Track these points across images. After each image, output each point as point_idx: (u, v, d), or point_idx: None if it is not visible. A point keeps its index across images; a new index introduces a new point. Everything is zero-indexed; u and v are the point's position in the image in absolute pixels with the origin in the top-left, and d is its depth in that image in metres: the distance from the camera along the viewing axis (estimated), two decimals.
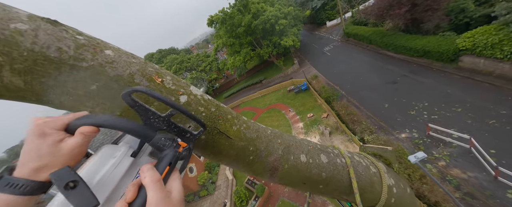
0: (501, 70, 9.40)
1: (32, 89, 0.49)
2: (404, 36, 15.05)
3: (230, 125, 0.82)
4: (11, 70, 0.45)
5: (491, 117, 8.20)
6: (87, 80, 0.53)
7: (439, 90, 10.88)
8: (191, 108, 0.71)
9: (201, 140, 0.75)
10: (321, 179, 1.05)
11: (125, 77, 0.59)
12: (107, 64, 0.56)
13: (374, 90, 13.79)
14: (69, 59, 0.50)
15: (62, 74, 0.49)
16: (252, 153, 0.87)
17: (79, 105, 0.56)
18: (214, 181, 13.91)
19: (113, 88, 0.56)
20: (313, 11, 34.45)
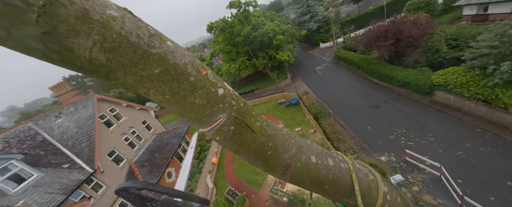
0: (468, 107, 10.59)
1: (110, 65, 0.56)
2: (388, 66, 16.46)
3: (254, 120, 0.90)
4: (101, 48, 0.53)
5: (458, 149, 9.04)
6: (153, 64, 0.61)
7: (416, 119, 11.85)
8: (225, 100, 0.80)
9: (229, 131, 0.82)
10: (328, 180, 1.13)
11: (181, 66, 0.68)
12: (169, 53, 0.66)
13: (359, 112, 14.60)
14: (144, 45, 0.59)
15: (136, 56, 0.58)
16: (270, 149, 0.95)
17: (138, 85, 0.64)
18: (192, 189, 13.19)
19: (170, 74, 0.66)
20: (309, 31, 36.59)
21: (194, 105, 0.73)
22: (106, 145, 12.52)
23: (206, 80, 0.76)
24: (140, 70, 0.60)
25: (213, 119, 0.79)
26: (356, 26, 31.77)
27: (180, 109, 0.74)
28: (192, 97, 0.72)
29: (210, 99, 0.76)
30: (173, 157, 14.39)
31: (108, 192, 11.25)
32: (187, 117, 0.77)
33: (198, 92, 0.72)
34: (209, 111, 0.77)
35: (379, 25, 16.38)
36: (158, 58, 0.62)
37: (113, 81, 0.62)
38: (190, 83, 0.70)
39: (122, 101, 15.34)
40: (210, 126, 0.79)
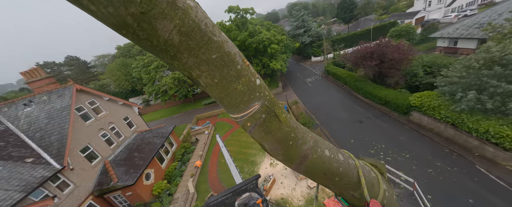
0: (439, 129, 11.67)
1: (180, 47, 0.64)
2: (372, 85, 17.66)
3: (281, 111, 1.00)
4: (178, 31, 0.62)
5: (430, 167, 9.83)
6: (213, 50, 0.72)
7: (394, 136, 12.71)
8: (261, 89, 0.91)
9: (261, 118, 0.92)
10: (338, 173, 1.23)
11: (232, 54, 0.79)
12: (225, 42, 0.77)
13: (343, 125, 15.28)
14: (209, 32, 0.70)
15: (202, 41, 0.68)
16: (292, 139, 1.04)
17: (195, 67, 0.73)
18: (171, 193, 12.49)
19: (224, 60, 0.76)
20: (302, 44, 38.20)
21: (236, 91, 0.83)
22: (80, 140, 11.52)
23: (248, 70, 0.87)
24: (202, 54, 0.70)
25: (249, 106, 0.88)
26: (345, 45, 33.92)
27: (223, 94, 0.83)
28: (236, 83, 0.81)
29: (250, 87, 0.86)
30: (154, 158, 13.62)
31: (76, 191, 10.23)
32: (226, 101, 0.86)
33: (241, 79, 0.82)
34: (247, 97, 0.86)
35: (366, 46, 17.66)
36: (217, 45, 0.72)
37: (175, 62, 0.70)
38: (237, 71, 0.80)
39: (104, 94, 14.40)
40: (245, 112, 0.89)
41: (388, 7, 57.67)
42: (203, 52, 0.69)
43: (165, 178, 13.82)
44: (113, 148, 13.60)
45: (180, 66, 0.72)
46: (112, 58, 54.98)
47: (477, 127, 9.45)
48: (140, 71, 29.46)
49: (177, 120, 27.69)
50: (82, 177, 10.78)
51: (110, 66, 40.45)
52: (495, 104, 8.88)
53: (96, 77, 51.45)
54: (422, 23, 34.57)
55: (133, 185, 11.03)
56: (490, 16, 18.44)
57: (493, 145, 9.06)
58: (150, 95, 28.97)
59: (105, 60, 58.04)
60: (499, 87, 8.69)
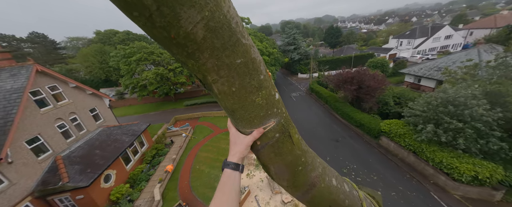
0: (402, 155, 12.87)
1: (202, 44, 0.54)
2: (349, 107, 19.02)
3: (294, 132, 0.91)
4: (205, 25, 0.51)
5: (393, 190, 10.61)
6: (239, 53, 0.62)
7: (365, 157, 13.60)
8: (279, 105, 0.83)
9: (274, 137, 0.83)
10: (344, 206, 1.13)
11: (257, 62, 0.70)
12: (252, 47, 0.67)
13: (321, 143, 15.89)
14: (238, 33, 0.60)
15: (230, 42, 0.58)
16: (302, 164, 0.95)
17: (213, 71, 0.62)
18: (132, 199, 11.13)
19: (248, 67, 0.66)
20: (291, 60, 40.02)
21: (253, 104, 0.74)
22: (29, 129, 9.82)
23: (270, 81, 0.79)
24: (225, 57, 0.60)
25: (264, 122, 0.79)
26: (330, 67, 36.53)
27: (238, 105, 0.73)
28: (255, 95, 0.72)
29: (269, 101, 0.77)
30: (119, 158, 12.20)
31: (10, 190, 8.46)
32: (239, 114, 0.77)
33: (262, 91, 0.73)
34: (264, 113, 0.77)
35: (347, 71, 19.23)
36: (244, 49, 0.63)
37: (190, 61, 0.59)
38: (259, 81, 0.71)
39: (70, 80, 12.77)
40: (258, 129, 0.80)
41: (368, 40, 64.80)
42: (227, 54, 0.59)
43: (128, 181, 12.36)
44: (70, 142, 11.86)
45: (195, 67, 0.61)
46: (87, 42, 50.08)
47: (433, 157, 10.67)
48: (119, 60, 27.20)
49: (152, 118, 25.73)
50: (22, 173, 9.03)
51: (84, 50, 36.67)
52: (448, 138, 10.21)
53: (64, 60, 45.90)
54: (394, 59, 39.41)
55: (87, 187, 9.58)
56: (446, 62, 21.89)
57: (445, 174, 10.26)
58: (125, 88, 26.66)
59: (79, 43, 52.57)
60: (451, 123, 10.07)
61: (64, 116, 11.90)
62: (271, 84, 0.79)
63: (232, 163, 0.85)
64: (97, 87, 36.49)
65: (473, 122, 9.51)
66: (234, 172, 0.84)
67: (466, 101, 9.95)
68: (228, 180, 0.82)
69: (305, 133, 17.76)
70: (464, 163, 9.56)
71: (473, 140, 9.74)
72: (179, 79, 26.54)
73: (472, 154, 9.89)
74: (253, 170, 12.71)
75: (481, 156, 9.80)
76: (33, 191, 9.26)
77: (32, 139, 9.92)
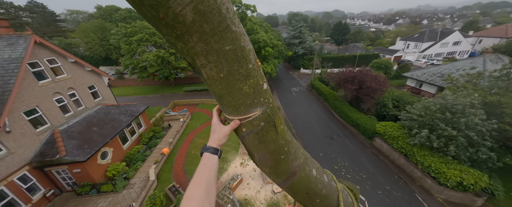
0: (393, 156, 13.19)
1: (191, 27, 0.55)
2: (348, 106, 19.12)
3: (280, 122, 0.94)
4: (194, 8, 0.52)
5: (380, 189, 11.02)
6: (227, 40, 0.63)
7: (357, 156, 13.93)
8: (266, 95, 0.85)
9: (259, 126, 0.86)
10: (321, 195, 1.22)
11: (246, 51, 0.70)
12: (242, 35, 0.68)
13: (316, 139, 16.16)
14: (228, 19, 0.61)
15: (219, 27, 0.59)
16: (285, 153, 0.99)
17: (201, 56, 0.63)
18: (128, 177, 11.47)
19: (236, 54, 0.67)
20: (294, 54, 39.39)
21: (240, 92, 0.75)
22: (27, 101, 9.80)
23: (259, 71, 0.79)
24: (214, 42, 0.60)
25: (250, 110, 0.81)
26: (333, 64, 36.12)
27: (225, 91, 0.74)
28: (242, 83, 0.73)
29: (256, 90, 0.79)
30: (116, 137, 12.36)
31: (8, 158, 8.65)
32: (226, 100, 0.78)
33: (250, 80, 0.74)
34: (250, 101, 0.79)
35: (350, 70, 19.08)
36: (233, 36, 0.64)
37: (179, 43, 0.60)
38: (247, 69, 0.72)
39: (69, 55, 12.53)
40: (244, 116, 0.82)
41: (375, 40, 63.54)
42: (216, 40, 0.60)
43: (125, 160, 12.65)
44: (68, 117, 11.92)
45: (184, 50, 0.62)
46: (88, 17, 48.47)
47: (423, 161, 10.97)
48: (119, 39, 26.56)
49: (151, 100, 25.71)
50: (20, 143, 9.16)
51: (84, 25, 35.59)
52: (439, 144, 10.43)
53: (63, 34, 44.67)
54: (399, 61, 38.97)
55: (84, 162, 9.81)
56: (450, 69, 21.73)
57: (431, 178, 10.62)
58: (125, 68, 26.31)
59: (79, 17, 50.90)
60: (445, 130, 10.23)
61: (63, 90, 11.84)
62: (260, 74, 0.79)
63: (212, 147, 0.91)
64: (96, 65, 35.97)
65: (467, 131, 9.67)
66: (213, 155, 0.89)
67: (464, 109, 10.04)
68: (207, 162, 0.87)
69: (301, 128, 17.98)
70: (452, 169, 9.87)
71: (464, 148, 9.97)
72: (180, 63, 26.17)
73: (461, 161, 10.17)
74: (247, 160, 13.02)
75: (469, 164, 10.10)
76: (30, 161, 9.46)
77: (30, 111, 9.94)
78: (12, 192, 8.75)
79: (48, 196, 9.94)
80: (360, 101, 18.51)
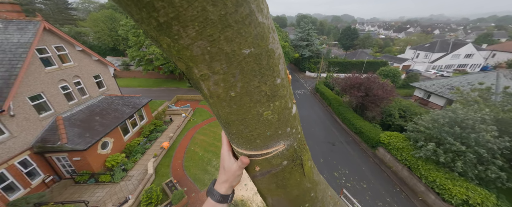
0: (396, 168, 12.85)
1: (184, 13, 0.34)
2: (352, 113, 18.76)
3: (307, 158, 0.69)
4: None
5: (380, 200, 10.72)
6: (248, 39, 0.38)
7: (358, 165, 13.63)
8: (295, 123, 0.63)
9: (280, 165, 0.62)
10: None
11: (275, 57, 0.46)
12: (272, 31, 0.43)
13: (317, 144, 15.90)
14: (252, 2, 0.36)
15: (236, 16, 0.35)
16: (310, 200, 0.74)
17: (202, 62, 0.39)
18: (127, 169, 11.45)
19: (260, 63, 0.42)
20: (301, 57, 39.03)
21: (259, 119, 0.50)
22: (32, 86, 9.85)
23: (288, 89, 0.55)
24: (225, 40, 0.36)
25: (270, 145, 0.56)
26: (339, 69, 35.65)
27: (236, 117, 0.49)
28: (264, 107, 0.48)
29: (283, 117, 0.53)
30: (118, 128, 12.36)
31: (10, 142, 8.70)
32: (237, 129, 0.53)
33: (275, 102, 0.50)
34: (273, 132, 0.54)
35: (356, 76, 18.71)
36: (258, 33, 0.39)
37: (164, 39, 0.36)
38: (273, 87, 0.47)
39: (77, 43, 12.57)
40: (261, 152, 0.57)
41: (384, 47, 62.55)
42: (228, 36, 0.36)
43: (124, 151, 12.65)
44: (72, 105, 11.97)
45: (173, 50, 0.38)
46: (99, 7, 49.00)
47: (427, 175, 10.62)
48: (128, 30, 26.72)
49: (155, 93, 25.80)
50: (23, 127, 9.21)
51: (95, 14, 35.96)
52: (446, 159, 10.07)
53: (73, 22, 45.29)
54: (407, 71, 38.20)
55: (84, 151, 9.82)
56: (461, 82, 21.13)
57: (435, 193, 10.27)
58: (132, 60, 26.47)
59: (91, 6, 51.52)
60: (454, 145, 9.86)
61: (68, 78, 11.89)
62: (289, 93, 0.56)
63: (218, 194, 0.69)
64: (103, 55, 36.36)
65: (476, 147, 9.29)
66: (219, 205, 0.69)
67: (475, 125, 9.65)
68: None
69: (303, 132, 17.67)
70: (458, 186, 9.50)
71: (472, 165, 9.59)
72: None
73: (468, 178, 9.79)
74: None
75: (476, 182, 9.72)
76: (32, 146, 9.51)
77: (35, 96, 10.00)
78: (12, 175, 8.81)
79: (47, 182, 9.99)
80: (365, 108, 18.14)
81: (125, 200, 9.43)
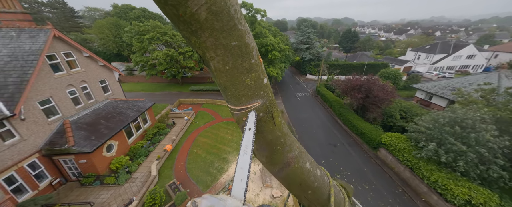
0: (398, 169, 12.81)
1: (204, 24, 0.65)
2: (353, 115, 18.82)
3: (277, 115, 1.02)
4: (208, 8, 0.62)
5: (383, 201, 10.69)
6: (234, 37, 0.71)
7: (360, 166, 13.62)
8: (266, 89, 0.92)
9: (258, 115, 0.92)
10: (313, 187, 1.29)
11: (250, 47, 0.79)
12: (247, 33, 0.77)
13: (319, 145, 15.95)
14: (236, 19, 0.70)
15: (227, 25, 0.68)
16: (281, 144, 1.06)
17: (211, 49, 0.72)
18: (131, 171, 11.67)
19: (241, 50, 0.76)
20: (301, 59, 39.37)
21: (243, 83, 0.83)
22: (42, 91, 10.26)
23: (260, 66, 0.87)
24: (223, 38, 0.69)
25: (251, 101, 0.89)
26: (340, 72, 35.80)
27: (229, 82, 0.83)
28: (245, 76, 0.82)
29: (257, 83, 0.87)
30: (122, 131, 12.66)
31: (21, 145, 9.02)
32: (230, 91, 0.86)
33: (252, 74, 0.83)
34: (251, 93, 0.87)
35: (357, 78, 18.85)
36: (239, 34, 0.72)
37: (193, 37, 0.69)
38: (250, 64, 0.80)
39: (84, 49, 13.06)
40: (245, 106, 0.90)
41: (385, 49, 62.67)
42: (224, 36, 0.69)
43: (129, 154, 12.90)
44: (79, 109, 12.35)
45: (197, 44, 0.72)
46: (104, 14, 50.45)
47: (429, 176, 10.60)
48: (132, 37, 27.47)
49: (158, 97, 26.24)
50: (32, 131, 9.55)
51: (100, 22, 37.07)
52: (448, 159, 10.07)
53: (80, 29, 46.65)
54: (408, 72, 38.17)
55: (90, 153, 10.09)
56: (462, 83, 21.09)
57: (438, 194, 10.22)
58: (136, 65, 27.08)
59: (96, 14, 53.05)
60: (454, 145, 9.88)
61: (76, 83, 12.32)
62: (261, 69, 0.88)
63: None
64: (108, 60, 37.24)
65: (477, 147, 9.31)
66: None
67: (474, 124, 9.70)
68: None
69: (304, 134, 17.82)
70: (460, 187, 9.48)
71: (474, 165, 9.57)
72: (188, 63, 26.69)
73: (470, 178, 9.76)
74: (258, 160, 12.97)
75: (479, 182, 9.67)
76: (41, 149, 9.83)
77: (44, 101, 10.39)
78: (22, 178, 9.09)
79: (54, 184, 10.25)
80: (366, 110, 18.20)
81: (129, 202, 9.61)
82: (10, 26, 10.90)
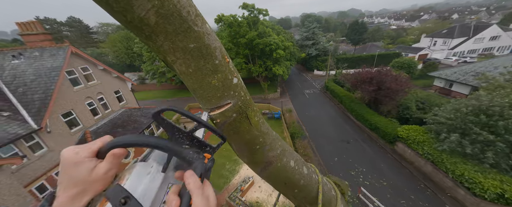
0: (419, 163, 12.07)
1: (156, 28, 0.63)
2: (366, 109, 18.08)
3: (253, 115, 1.00)
4: (156, 12, 0.60)
5: (403, 198, 10.13)
6: (191, 39, 0.70)
7: (376, 162, 13.04)
8: (237, 89, 0.90)
9: (231, 117, 0.90)
10: (299, 185, 1.26)
11: (212, 48, 0.76)
12: (206, 34, 0.74)
13: (331, 142, 15.52)
14: (190, 21, 0.68)
15: (181, 28, 0.66)
16: (260, 144, 1.05)
17: (170, 53, 0.71)
18: None
19: (201, 51, 0.75)
20: (307, 56, 38.66)
21: (210, 85, 0.81)
22: (64, 105, 11.08)
23: (227, 67, 0.85)
24: (178, 41, 0.67)
25: (221, 103, 0.87)
26: (349, 65, 34.63)
27: (196, 85, 0.82)
28: (211, 78, 0.80)
29: (225, 84, 0.85)
30: None
31: (48, 155, 9.80)
32: (199, 93, 0.85)
33: (217, 75, 0.81)
34: (220, 94, 0.85)
35: (367, 70, 18.09)
36: (196, 35, 0.70)
37: (150, 42, 0.68)
38: (214, 65, 0.78)
39: (99, 63, 13.93)
40: (216, 107, 0.89)
41: (396, 38, 59.56)
42: (180, 39, 0.67)
43: None
44: (97, 119, 13.16)
45: (154, 48, 0.70)
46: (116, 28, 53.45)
47: (454, 169, 9.86)
48: (142, 47, 28.82)
49: (169, 104, 27.16)
50: (58, 142, 10.35)
51: (113, 36, 39.37)
52: (474, 151, 9.30)
53: (95, 44, 49.87)
54: (424, 60, 35.92)
55: None
56: (487, 67, 19.41)
57: (465, 188, 9.47)
58: (147, 74, 28.37)
59: (109, 29, 56.35)
60: (480, 135, 9.11)
61: (93, 95, 13.16)
62: (228, 69, 0.85)
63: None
64: (121, 71, 39.34)
65: (507, 135, 8.50)
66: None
67: (503, 111, 8.87)
68: None
69: (315, 131, 17.44)
70: (490, 179, 8.71)
71: (505, 155, 8.76)
72: None
73: (501, 170, 8.93)
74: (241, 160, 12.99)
75: None
76: None
77: (67, 113, 11.22)
78: (51, 186, 9.87)
79: None
80: (379, 103, 17.42)
81: None
82: (33, 47, 11.95)
